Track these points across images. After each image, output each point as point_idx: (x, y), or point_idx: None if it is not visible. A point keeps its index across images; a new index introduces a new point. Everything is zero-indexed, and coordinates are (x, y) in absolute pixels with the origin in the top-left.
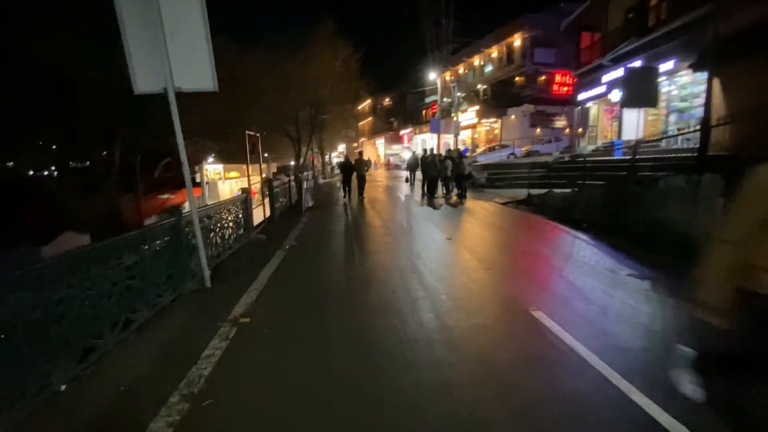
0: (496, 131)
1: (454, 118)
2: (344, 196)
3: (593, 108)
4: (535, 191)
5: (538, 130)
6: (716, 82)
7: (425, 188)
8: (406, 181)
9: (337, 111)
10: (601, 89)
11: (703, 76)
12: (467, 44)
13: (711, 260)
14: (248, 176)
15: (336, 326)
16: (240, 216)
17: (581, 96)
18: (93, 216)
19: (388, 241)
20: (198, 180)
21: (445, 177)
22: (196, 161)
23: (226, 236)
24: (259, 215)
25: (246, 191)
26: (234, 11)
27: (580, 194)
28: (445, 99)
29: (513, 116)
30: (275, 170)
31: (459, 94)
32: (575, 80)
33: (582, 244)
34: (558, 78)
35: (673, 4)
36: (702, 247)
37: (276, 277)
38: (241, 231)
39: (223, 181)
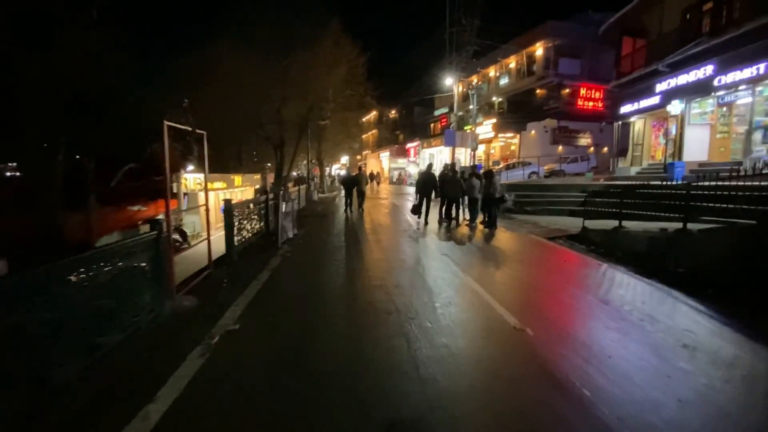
0: (513, 147)
1: (468, 130)
2: (345, 211)
3: (637, 123)
4: (590, 222)
5: (560, 147)
6: None
7: (443, 212)
8: (413, 212)
9: (339, 119)
10: (654, 100)
11: None
12: (488, 48)
13: None
14: (167, 197)
15: None
16: (139, 277)
17: (624, 109)
18: (21, 235)
19: (409, 334)
20: (175, 190)
21: (472, 199)
22: (175, 169)
23: (90, 329)
24: (216, 248)
25: (158, 225)
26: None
27: (684, 236)
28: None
29: (533, 131)
30: (272, 181)
31: (475, 105)
32: (608, 93)
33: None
34: (583, 92)
35: None
36: None
37: None
38: (146, 298)
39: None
